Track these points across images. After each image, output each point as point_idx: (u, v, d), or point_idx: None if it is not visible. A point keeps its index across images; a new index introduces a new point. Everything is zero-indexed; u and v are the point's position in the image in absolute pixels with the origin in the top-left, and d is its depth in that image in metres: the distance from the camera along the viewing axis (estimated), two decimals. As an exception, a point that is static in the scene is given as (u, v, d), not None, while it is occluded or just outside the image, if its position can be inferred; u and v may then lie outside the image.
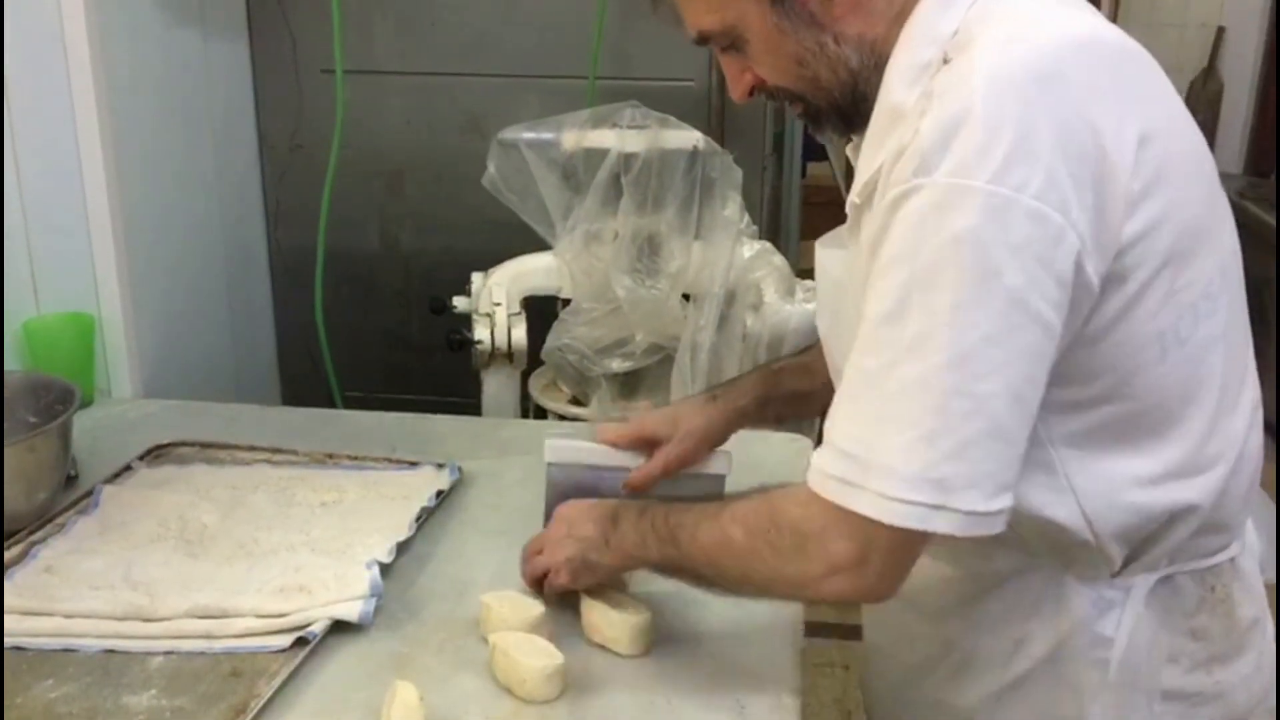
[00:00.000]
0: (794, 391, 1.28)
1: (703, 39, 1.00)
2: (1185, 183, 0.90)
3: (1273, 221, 3.58)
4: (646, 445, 1.24)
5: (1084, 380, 0.90)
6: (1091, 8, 0.95)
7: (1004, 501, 0.85)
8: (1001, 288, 0.81)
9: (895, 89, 0.90)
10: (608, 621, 1.12)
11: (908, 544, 0.87)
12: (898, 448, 0.83)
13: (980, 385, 0.82)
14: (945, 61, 0.88)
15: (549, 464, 1.24)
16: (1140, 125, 0.86)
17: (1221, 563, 1.00)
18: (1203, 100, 4.67)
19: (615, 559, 1.09)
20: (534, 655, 1.05)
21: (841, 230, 1.04)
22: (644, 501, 1.10)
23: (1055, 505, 0.93)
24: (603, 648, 1.12)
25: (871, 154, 0.92)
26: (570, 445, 1.25)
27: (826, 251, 1.07)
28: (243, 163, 2.28)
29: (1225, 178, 0.96)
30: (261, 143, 2.32)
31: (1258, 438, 0.99)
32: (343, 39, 2.01)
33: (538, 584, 1.17)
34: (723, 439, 1.26)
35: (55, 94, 1.68)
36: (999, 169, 0.81)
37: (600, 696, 1.06)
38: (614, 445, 1.24)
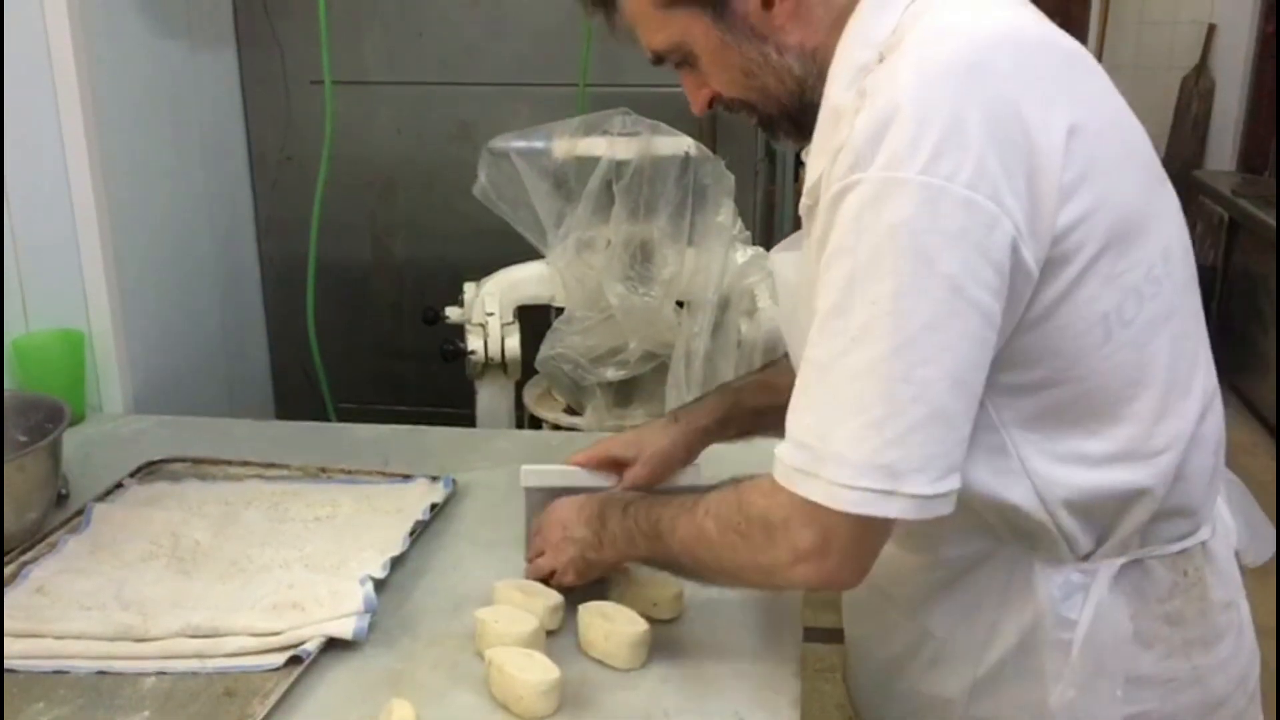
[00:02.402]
0: (755, 408, 1.31)
1: (658, 58, 1.04)
2: (1119, 174, 0.92)
3: (1266, 218, 3.52)
4: (615, 467, 1.29)
5: (1029, 364, 0.92)
6: (1030, 5, 0.97)
7: (951, 484, 0.88)
8: (938, 275, 0.84)
9: (834, 92, 0.94)
10: (604, 635, 1.11)
11: (867, 532, 0.90)
12: (847, 435, 0.86)
13: (922, 371, 0.85)
14: (880, 61, 0.91)
15: (525, 489, 1.30)
16: (1069, 118, 0.87)
17: (1192, 547, 1.02)
18: (1195, 97, 4.67)
19: (611, 555, 1.14)
20: (530, 670, 1.04)
21: (796, 236, 1.08)
22: (627, 496, 1.16)
23: (1011, 487, 0.95)
24: (599, 662, 1.11)
25: (817, 157, 0.95)
26: (544, 470, 1.31)
27: (780, 256, 1.12)
28: (232, 174, 2.27)
29: (1218, 174, 0.96)
30: (251, 154, 2.31)
31: (1215, 423, 1.01)
32: (330, 49, 2.00)
33: (545, 581, 1.20)
34: (686, 458, 1.30)
35: (41, 108, 1.68)
36: (929, 160, 0.83)
37: (598, 711, 1.05)
38: (583, 468, 1.29)
